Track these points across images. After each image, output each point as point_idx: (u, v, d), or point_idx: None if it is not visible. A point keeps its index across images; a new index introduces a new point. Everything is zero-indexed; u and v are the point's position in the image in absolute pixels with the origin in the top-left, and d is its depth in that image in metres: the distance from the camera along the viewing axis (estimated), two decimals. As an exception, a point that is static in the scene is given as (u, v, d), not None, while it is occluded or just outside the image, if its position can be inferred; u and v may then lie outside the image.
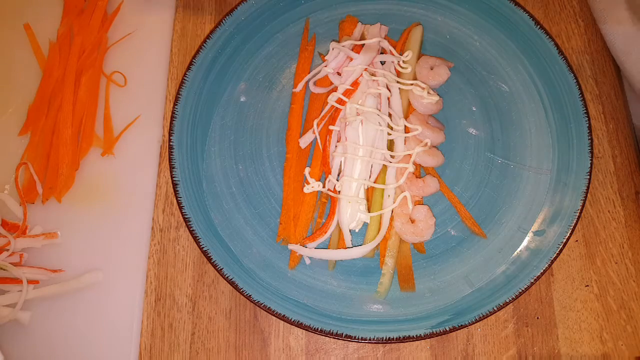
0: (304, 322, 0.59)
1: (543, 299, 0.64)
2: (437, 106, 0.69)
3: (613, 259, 0.66)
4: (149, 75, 0.75)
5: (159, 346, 0.63)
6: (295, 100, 0.71)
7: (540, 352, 0.62)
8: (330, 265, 0.63)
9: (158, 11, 0.78)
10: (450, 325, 0.59)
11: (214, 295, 0.65)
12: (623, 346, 0.63)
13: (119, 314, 0.63)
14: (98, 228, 0.67)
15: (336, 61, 0.69)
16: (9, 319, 0.62)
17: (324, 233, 0.63)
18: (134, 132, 0.71)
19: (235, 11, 0.73)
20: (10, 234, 0.65)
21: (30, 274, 0.64)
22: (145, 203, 0.68)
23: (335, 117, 0.67)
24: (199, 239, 0.62)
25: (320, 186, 0.65)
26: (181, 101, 0.69)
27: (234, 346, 0.63)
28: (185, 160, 0.66)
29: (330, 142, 0.66)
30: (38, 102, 0.72)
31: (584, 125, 0.67)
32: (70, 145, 0.69)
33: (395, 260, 0.63)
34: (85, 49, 0.74)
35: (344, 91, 0.67)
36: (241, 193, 0.67)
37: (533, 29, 0.72)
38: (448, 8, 0.74)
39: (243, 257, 0.63)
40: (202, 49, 0.71)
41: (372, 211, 0.64)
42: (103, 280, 0.64)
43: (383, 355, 0.62)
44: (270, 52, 0.73)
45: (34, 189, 0.68)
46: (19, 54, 0.76)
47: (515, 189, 0.67)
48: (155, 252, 0.67)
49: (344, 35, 0.73)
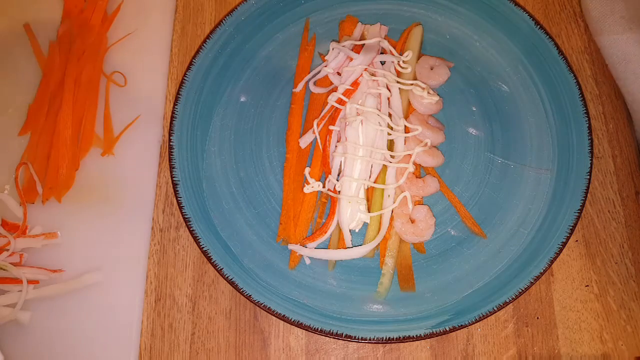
0: (304, 322, 0.59)
1: (543, 299, 0.64)
2: (437, 106, 0.69)
3: (613, 259, 0.66)
4: (149, 75, 0.75)
5: (159, 346, 0.63)
6: (295, 100, 0.71)
7: (540, 352, 0.62)
8: (330, 265, 0.63)
9: (158, 11, 0.78)
10: (450, 325, 0.59)
11: (214, 295, 0.65)
12: (623, 346, 0.63)
13: (119, 314, 0.63)
14: (98, 228, 0.67)
15: (336, 61, 0.69)
16: (9, 319, 0.62)
17: (324, 233, 0.63)
18: (134, 132, 0.71)
19: (235, 11, 0.73)
20: (10, 234, 0.65)
21: (30, 274, 0.64)
22: (145, 203, 0.68)
23: (335, 117, 0.67)
24: (199, 239, 0.62)
25: (320, 186, 0.65)
26: (181, 101, 0.69)
27: (234, 346, 0.63)
28: (185, 160, 0.66)
29: (330, 142, 0.66)
30: (38, 102, 0.72)
31: (584, 125, 0.67)
32: (70, 145, 0.69)
33: (395, 260, 0.63)
34: (85, 49, 0.74)
35: (344, 91, 0.67)
36: (241, 193, 0.67)
37: (533, 29, 0.72)
38: (448, 8, 0.74)
39: (243, 257, 0.63)
40: (202, 49, 0.71)
41: (372, 211, 0.64)
42: (103, 280, 0.64)
43: (383, 355, 0.62)
44: (270, 52, 0.73)
45: (34, 189, 0.68)
46: (19, 54, 0.76)
47: (515, 189, 0.67)
48: (155, 252, 0.67)
49: (344, 35, 0.73)
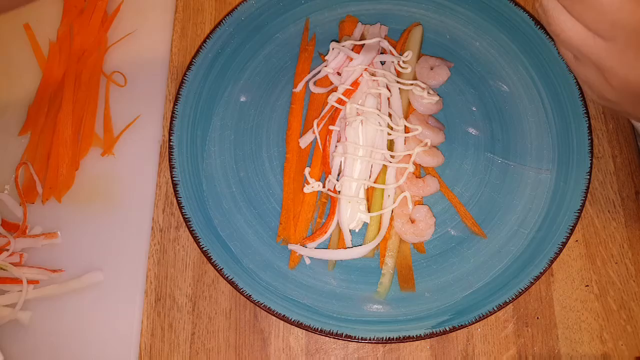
0: (304, 322, 0.59)
1: (543, 299, 0.64)
2: (437, 106, 0.69)
3: (613, 259, 0.66)
4: (149, 75, 0.74)
5: (159, 346, 0.63)
6: (295, 100, 0.71)
7: (541, 352, 0.62)
8: (330, 265, 0.63)
9: (158, 11, 0.78)
10: (450, 325, 0.59)
11: (214, 295, 0.65)
12: (623, 346, 0.63)
13: (119, 314, 0.63)
14: (98, 228, 0.67)
15: (336, 61, 0.69)
16: (9, 319, 0.62)
17: (324, 233, 0.63)
18: (134, 132, 0.71)
19: (235, 11, 0.73)
20: (10, 234, 0.65)
21: (30, 274, 0.63)
22: (145, 203, 0.68)
23: (335, 117, 0.67)
24: (199, 239, 0.62)
25: (320, 186, 0.65)
26: (181, 101, 0.69)
27: (234, 346, 0.63)
28: (185, 160, 0.66)
29: (330, 142, 0.66)
30: (38, 102, 0.72)
31: (584, 125, 0.67)
32: (70, 145, 0.69)
33: (395, 260, 0.63)
34: (85, 49, 0.74)
35: (344, 91, 0.67)
36: (241, 193, 0.67)
37: (533, 29, 0.72)
38: (448, 8, 0.74)
39: (243, 257, 0.63)
40: (202, 49, 0.71)
41: (372, 211, 0.64)
42: (103, 280, 0.64)
43: (383, 355, 0.62)
44: (270, 52, 0.73)
45: (34, 189, 0.68)
46: (19, 54, 0.76)
47: (515, 189, 0.67)
48: (155, 252, 0.67)
49: (344, 35, 0.73)
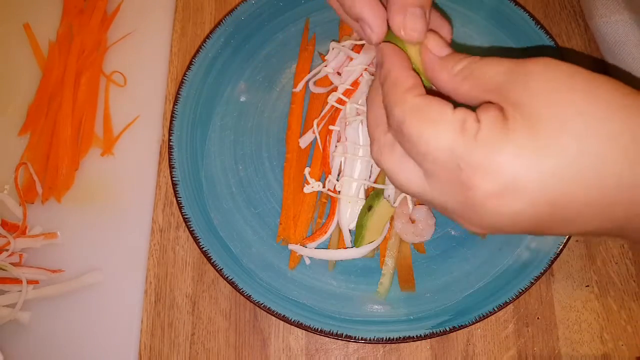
0: (304, 322, 0.59)
1: (543, 299, 0.64)
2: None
3: (613, 259, 0.66)
4: (149, 75, 0.74)
5: (158, 346, 0.63)
6: (295, 100, 0.71)
7: (541, 352, 0.62)
8: (330, 266, 0.63)
9: (158, 11, 0.78)
10: (450, 326, 0.59)
11: (214, 295, 0.65)
12: (623, 346, 0.62)
13: (119, 314, 0.63)
14: (98, 228, 0.67)
15: (336, 61, 0.69)
16: (9, 319, 0.62)
17: (324, 233, 0.63)
18: (134, 132, 0.71)
19: (235, 11, 0.73)
20: (10, 234, 0.65)
21: (30, 274, 0.63)
22: (145, 203, 0.68)
23: (335, 117, 0.67)
24: (199, 239, 0.62)
25: (320, 186, 0.65)
26: (181, 101, 0.69)
27: (234, 346, 0.63)
28: (185, 160, 0.66)
29: (330, 142, 0.66)
30: (38, 102, 0.72)
31: (584, 125, 0.67)
32: (70, 145, 0.69)
33: (395, 261, 0.63)
34: (85, 49, 0.74)
35: (344, 91, 0.67)
36: (241, 193, 0.67)
37: (533, 29, 0.71)
38: (448, 8, 0.74)
39: (243, 257, 0.63)
40: (202, 49, 0.71)
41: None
42: (103, 280, 0.64)
43: (383, 355, 0.62)
44: (270, 52, 0.73)
45: (34, 189, 0.68)
46: (19, 54, 0.75)
47: (516, 189, 0.66)
48: (155, 252, 0.67)
49: (344, 35, 0.73)
